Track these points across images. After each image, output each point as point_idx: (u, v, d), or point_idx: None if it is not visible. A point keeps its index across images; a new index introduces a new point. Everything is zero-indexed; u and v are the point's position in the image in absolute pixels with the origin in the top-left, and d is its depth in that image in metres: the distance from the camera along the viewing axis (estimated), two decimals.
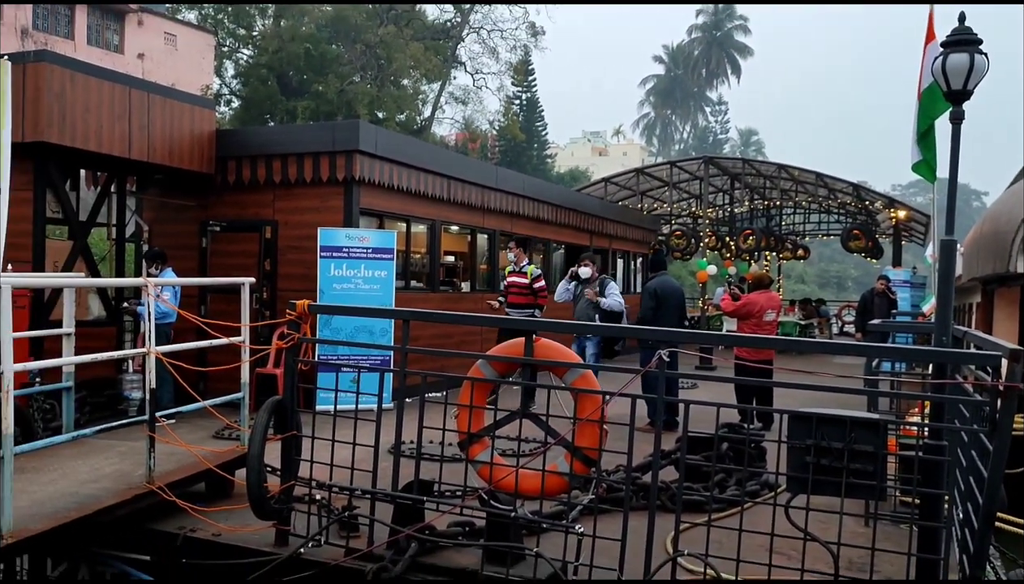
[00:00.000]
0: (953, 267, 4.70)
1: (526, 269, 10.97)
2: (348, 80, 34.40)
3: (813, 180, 25.96)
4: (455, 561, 4.47)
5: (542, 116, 58.50)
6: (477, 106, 43.04)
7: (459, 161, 14.61)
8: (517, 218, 15.42)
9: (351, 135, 10.65)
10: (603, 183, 26.76)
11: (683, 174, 26.36)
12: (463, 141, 47.50)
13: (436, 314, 6.93)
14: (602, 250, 20.12)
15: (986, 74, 4.52)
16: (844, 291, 67.30)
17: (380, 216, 11.52)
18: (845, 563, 4.50)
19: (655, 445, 4.17)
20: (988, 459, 3.78)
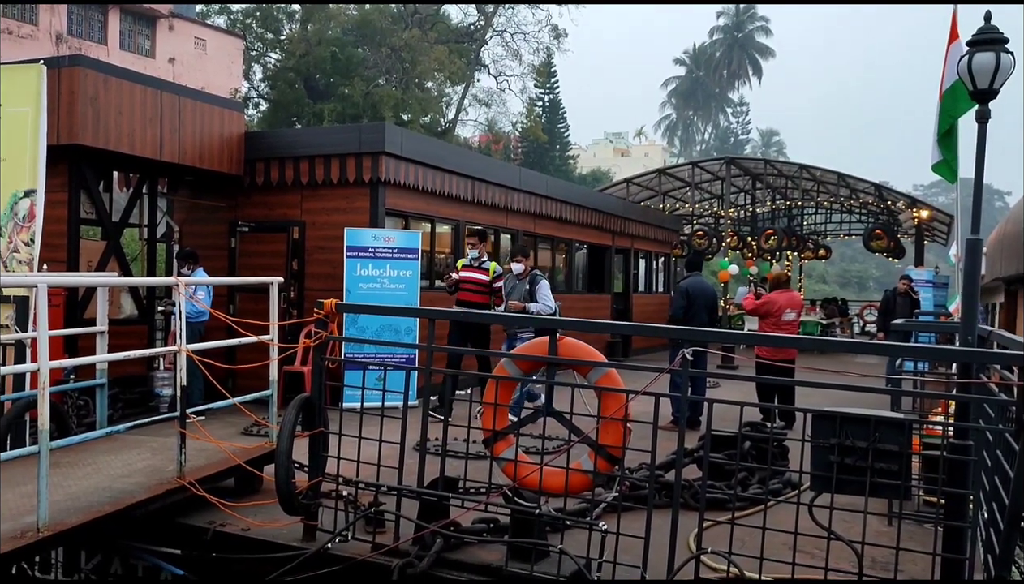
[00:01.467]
0: (979, 266, 4.69)
1: (487, 265, 9.95)
2: (373, 83, 34.69)
3: (835, 180, 25.83)
4: (479, 557, 4.53)
5: (564, 118, 58.51)
6: (500, 108, 43.36)
7: (482, 162, 14.69)
8: (540, 218, 15.48)
9: (377, 137, 10.79)
10: (625, 184, 26.78)
11: (705, 174, 26.32)
12: (486, 143, 47.64)
13: (461, 313, 7.00)
14: (624, 250, 20.12)
15: (1012, 73, 4.51)
16: (865, 291, 66.76)
17: (405, 216, 11.64)
18: (869, 562, 4.51)
19: (679, 443, 4.20)
20: (1014, 459, 3.77)
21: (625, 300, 20.17)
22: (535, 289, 9.07)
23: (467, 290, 9.85)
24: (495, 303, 9.79)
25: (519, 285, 9.25)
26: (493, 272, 9.90)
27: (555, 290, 16.87)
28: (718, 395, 9.54)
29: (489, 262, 9.99)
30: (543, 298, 9.01)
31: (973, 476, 4.37)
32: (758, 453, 6.49)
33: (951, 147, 6.23)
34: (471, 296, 9.80)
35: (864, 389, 4.50)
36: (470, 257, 10.01)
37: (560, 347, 4.51)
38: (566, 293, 17.37)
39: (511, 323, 9.06)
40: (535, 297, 9.04)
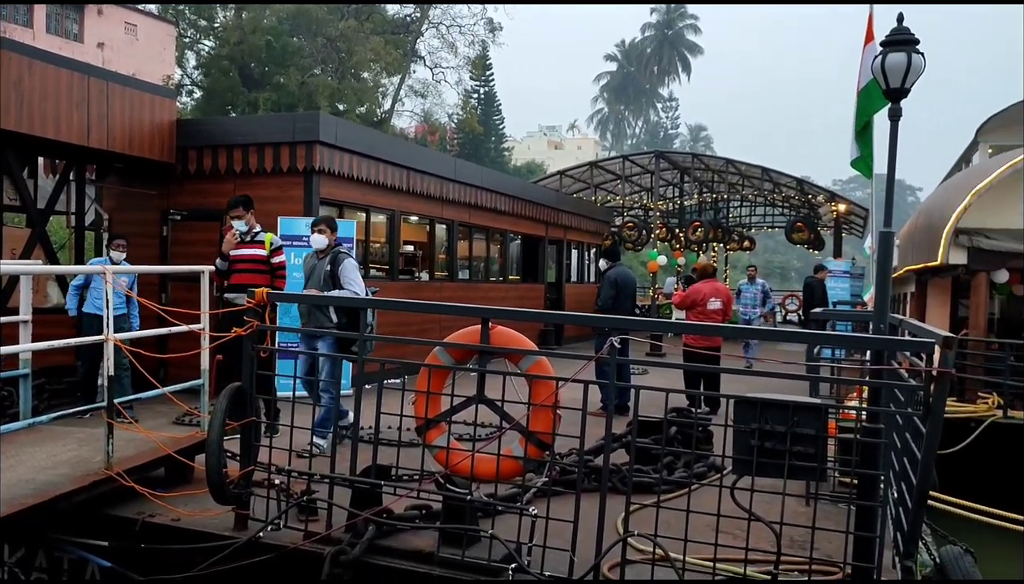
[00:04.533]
0: (891, 258, 4.92)
1: (262, 237, 8.15)
2: (309, 72, 34.28)
3: (759, 174, 26.55)
4: (412, 544, 4.58)
5: (499, 110, 58.72)
6: (436, 99, 43.31)
7: (418, 152, 14.67)
8: (475, 209, 15.55)
9: (311, 126, 10.73)
10: (558, 176, 27.06)
11: (635, 168, 26.78)
12: (422, 133, 47.51)
13: (393, 302, 7.02)
14: (557, 240, 20.33)
15: (923, 73, 4.73)
16: (787, 281, 68.75)
17: (340, 206, 11.59)
18: (787, 542, 4.68)
19: (606, 429, 4.32)
20: (922, 441, 3.98)
21: (558, 290, 20.38)
22: (338, 271, 7.28)
23: (241, 271, 8.02)
24: (276, 285, 7.95)
25: (319, 265, 7.48)
26: (270, 244, 8.15)
27: (490, 280, 17.12)
28: (647, 382, 9.75)
29: (264, 233, 8.23)
30: (348, 282, 7.21)
31: (884, 458, 4.60)
32: (684, 438, 6.68)
33: (867, 144, 6.50)
34: (247, 278, 7.76)
35: (784, 376, 4.69)
36: (238, 231, 8.15)
37: (492, 335, 4.58)
38: (500, 283, 17.50)
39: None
40: (338, 282, 7.24)
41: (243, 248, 8.09)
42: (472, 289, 15.87)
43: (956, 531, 6.84)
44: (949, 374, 3.67)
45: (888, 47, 4.74)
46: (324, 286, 7.23)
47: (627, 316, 9.60)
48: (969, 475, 8.63)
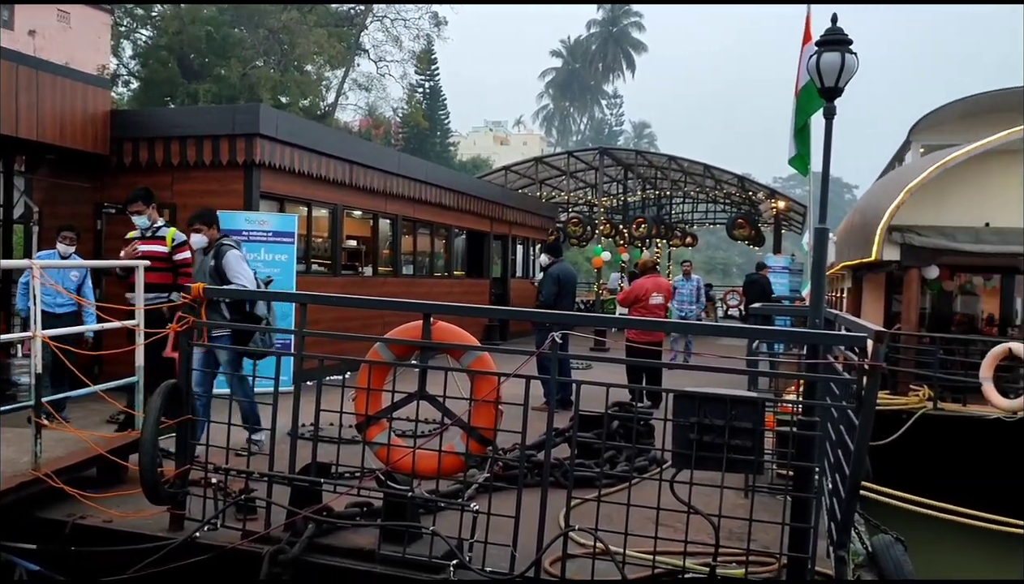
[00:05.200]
0: (825, 254, 5.02)
1: (164, 233, 7.65)
2: (251, 64, 33.66)
3: (701, 171, 26.94)
4: (352, 542, 4.53)
5: (445, 105, 58.56)
6: (381, 93, 42.89)
7: (361, 146, 14.57)
8: (419, 204, 15.48)
9: (251, 118, 10.57)
10: (503, 171, 27.08)
11: (580, 164, 26.95)
12: (367, 127, 47.11)
13: (332, 297, 6.89)
14: (502, 236, 20.35)
15: (856, 72, 4.83)
16: (729, 277, 69.96)
17: (281, 200, 11.44)
18: (726, 533, 4.75)
19: (547, 424, 4.33)
20: (855, 433, 4.07)
21: (503, 285, 20.41)
22: (222, 264, 6.87)
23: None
24: (180, 283, 7.30)
25: (204, 261, 7.09)
26: (172, 240, 7.60)
27: (434, 275, 17.06)
28: (591, 377, 9.80)
29: (166, 228, 7.74)
30: (234, 275, 6.81)
31: (819, 450, 4.69)
32: (627, 432, 6.73)
33: (805, 142, 6.63)
34: (149, 276, 6.98)
35: (723, 370, 4.76)
36: (139, 227, 7.68)
37: (433, 331, 4.56)
38: (445, 278, 17.45)
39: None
40: (224, 276, 6.85)
41: (143, 244, 7.55)
42: (416, 284, 15.80)
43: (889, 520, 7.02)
44: (880, 368, 3.76)
45: (823, 47, 4.84)
46: (209, 282, 6.74)
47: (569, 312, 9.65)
48: (902, 466, 8.88)
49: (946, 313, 15.10)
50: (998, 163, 11.71)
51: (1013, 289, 14.91)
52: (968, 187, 11.80)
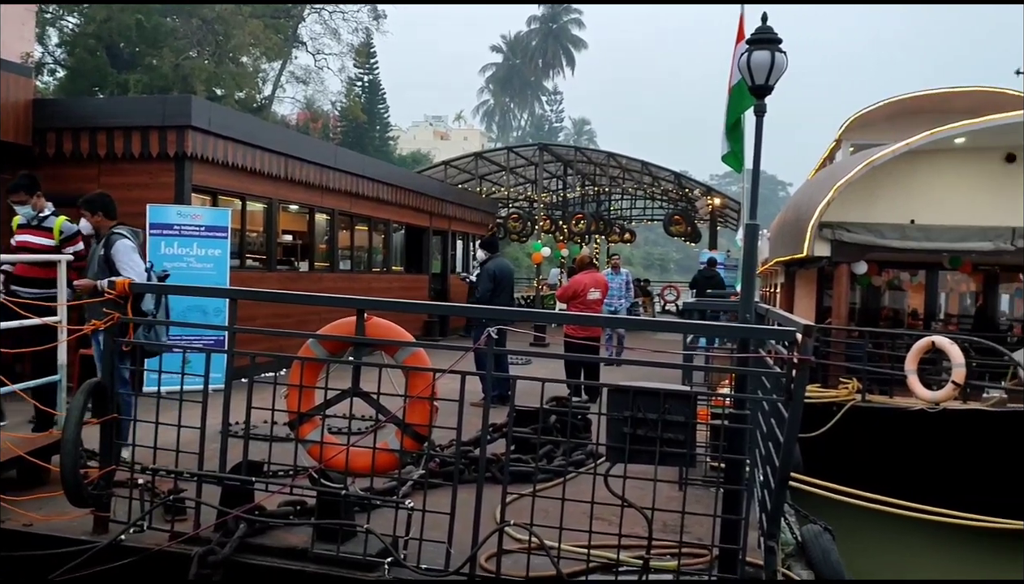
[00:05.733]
0: (755, 249, 5.10)
1: (50, 223, 7.12)
2: (184, 55, 32.81)
3: (639, 168, 27.25)
4: (285, 541, 4.46)
5: (384, 99, 58.05)
6: (319, 86, 42.34)
7: (297, 140, 14.36)
8: (357, 198, 15.34)
9: (183, 110, 10.33)
10: (443, 166, 27.00)
11: (519, 159, 27.01)
12: (305, 121, 46.45)
13: (261, 293, 6.77)
14: (442, 231, 20.28)
15: (785, 71, 4.92)
16: (667, 272, 71.01)
17: (214, 193, 11.22)
18: (660, 526, 4.80)
19: (483, 420, 4.32)
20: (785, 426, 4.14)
21: (443, 281, 20.35)
22: (111, 255, 6.38)
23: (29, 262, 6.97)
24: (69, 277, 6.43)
25: (95, 250, 6.62)
26: (60, 231, 7.08)
27: (372, 270, 16.90)
28: (530, 372, 9.83)
29: (54, 217, 7.18)
30: (123, 267, 6.26)
31: (751, 442, 4.77)
32: (563, 427, 6.76)
33: (738, 139, 6.73)
34: (31, 270, 6.78)
35: (658, 364, 4.80)
36: (24, 215, 7.14)
37: (368, 327, 4.50)
38: (383, 274, 17.32)
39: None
40: (114, 267, 6.32)
41: (27, 234, 7.03)
42: (354, 280, 15.65)
43: (819, 510, 7.20)
44: (808, 361, 3.82)
45: (753, 45, 4.91)
46: (99, 272, 6.34)
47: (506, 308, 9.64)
48: (833, 457, 9.10)
49: (875, 308, 15.53)
50: (923, 162, 12.08)
51: (937, 284, 15.38)
52: (895, 185, 12.15)
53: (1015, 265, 14.11)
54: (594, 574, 4.27)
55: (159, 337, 6.17)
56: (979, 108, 12.74)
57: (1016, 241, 11.72)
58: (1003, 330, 14.78)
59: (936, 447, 9.90)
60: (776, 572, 4.15)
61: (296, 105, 44.99)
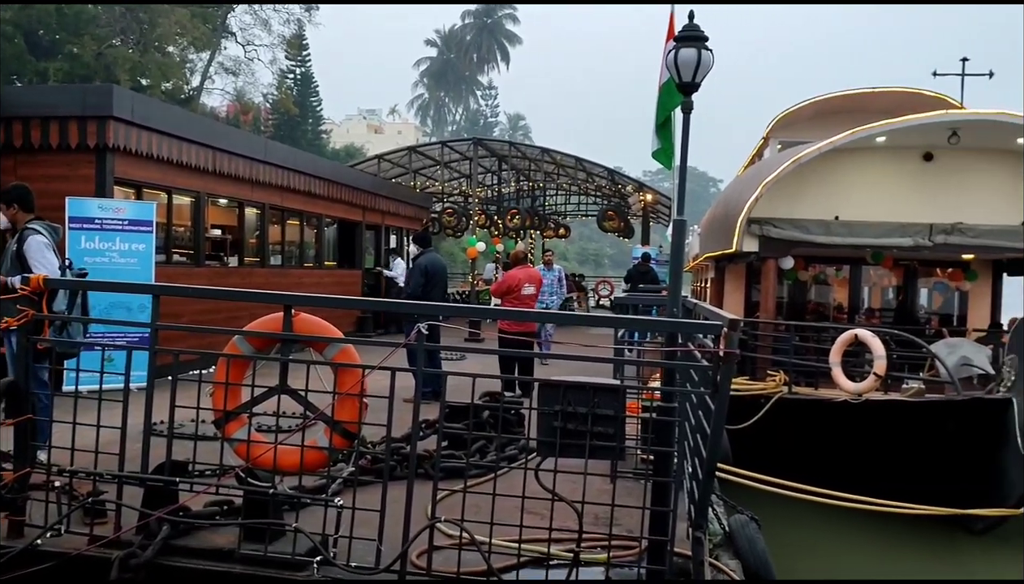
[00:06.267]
0: (683, 244, 5.17)
1: None
2: (107, 43, 31.82)
3: (573, 164, 27.43)
4: (211, 542, 4.36)
5: (317, 92, 57.23)
6: (249, 78, 41.56)
7: (225, 132, 14.08)
8: (288, 192, 15.10)
9: (104, 100, 10.01)
10: (377, 160, 26.76)
11: (454, 154, 26.93)
12: (235, 113, 45.55)
13: (185, 288, 6.60)
14: (375, 226, 20.11)
15: (712, 68, 5.00)
16: (601, 267, 71.67)
17: (138, 186, 10.91)
18: (593, 519, 4.84)
19: (413, 416, 4.29)
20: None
21: (376, 276, 20.17)
22: (23, 250, 6.22)
23: None
24: None
25: (9, 245, 6.42)
26: None
27: (304, 265, 16.65)
28: (465, 367, 9.81)
29: None
30: (36, 264, 6.11)
31: (680, 435, 4.84)
32: (496, 422, 6.76)
33: (668, 136, 6.82)
34: None
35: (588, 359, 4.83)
36: None
37: (296, 323, 4.43)
38: (315, 269, 17.09)
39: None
40: (26, 264, 6.15)
41: None
42: (285, 275, 15.41)
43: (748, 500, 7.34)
44: (734, 354, 3.89)
45: (680, 43, 4.98)
46: (12, 269, 6.20)
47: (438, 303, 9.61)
48: (761, 448, 9.30)
49: (801, 302, 15.93)
50: (846, 160, 12.42)
51: (860, 279, 15.86)
52: (820, 182, 12.47)
53: (933, 260, 14.67)
54: (525, 568, 4.28)
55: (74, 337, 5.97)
56: (899, 108, 13.16)
57: (934, 237, 12.14)
58: (922, 323, 15.32)
59: (859, 437, 10.20)
60: (703, 562, 4.22)
61: (226, 97, 44.16)
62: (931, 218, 12.20)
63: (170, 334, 7.78)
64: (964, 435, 9.16)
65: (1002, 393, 8.90)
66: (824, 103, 15.52)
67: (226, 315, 12.00)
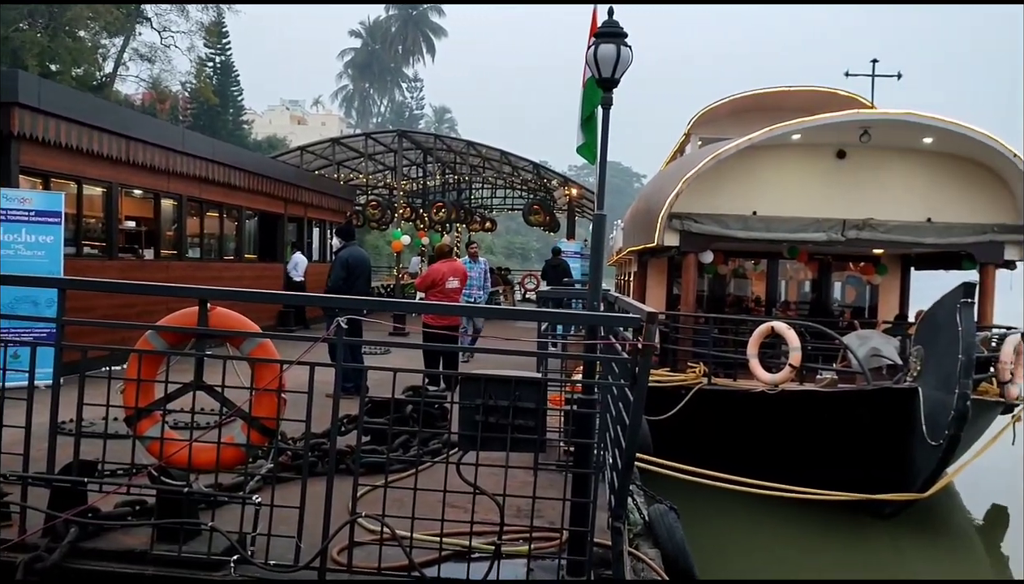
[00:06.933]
0: (603, 238, 5.23)
1: None
2: (13, 27, 30.47)
3: (499, 158, 27.45)
4: (123, 543, 4.25)
5: (238, 81, 55.92)
6: (166, 65, 40.29)
7: (139, 120, 13.63)
8: (207, 183, 14.74)
9: (9, 85, 9.60)
10: (299, 152, 26.31)
11: (378, 146, 26.68)
12: (151, 101, 44.17)
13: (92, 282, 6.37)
14: (297, 218, 19.79)
15: (631, 64, 5.05)
16: (528, 261, 72.02)
17: (45, 176, 10.49)
18: (515, 511, 4.87)
19: (333, 412, 4.24)
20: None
21: None
22: None
23: None
24: None
25: None
26: None
27: (224, 258, 16.26)
28: (389, 361, 9.73)
29: None
30: None
31: (601, 427, 4.89)
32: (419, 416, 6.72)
33: (592, 131, 6.86)
34: None
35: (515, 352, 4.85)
36: None
37: (212, 317, 4.33)
38: (236, 262, 16.72)
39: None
40: None
41: None
42: (203, 268, 15.03)
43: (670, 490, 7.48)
44: (651, 347, 3.95)
45: (600, 39, 5.02)
46: None
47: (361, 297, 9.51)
48: (682, 438, 9.48)
49: (721, 295, 16.27)
50: (764, 157, 12.72)
51: (777, 273, 16.28)
52: (739, 178, 12.74)
53: (846, 255, 15.15)
54: (447, 562, 4.28)
55: None
56: (814, 107, 13.54)
57: (846, 232, 12.53)
58: (836, 315, 15.81)
59: (776, 426, 10.48)
60: (622, 552, 4.28)
61: (141, 85, 42.80)
62: (844, 214, 12.59)
63: (82, 330, 7.53)
64: (874, 423, 9.48)
65: (909, 383, 9.24)
66: (743, 101, 15.85)
67: (141, 310, 11.65)
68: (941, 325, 8.86)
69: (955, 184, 12.66)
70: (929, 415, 8.86)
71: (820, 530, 9.85)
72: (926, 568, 9.74)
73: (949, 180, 12.68)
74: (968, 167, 12.59)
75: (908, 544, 9.95)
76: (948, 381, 8.55)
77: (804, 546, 9.99)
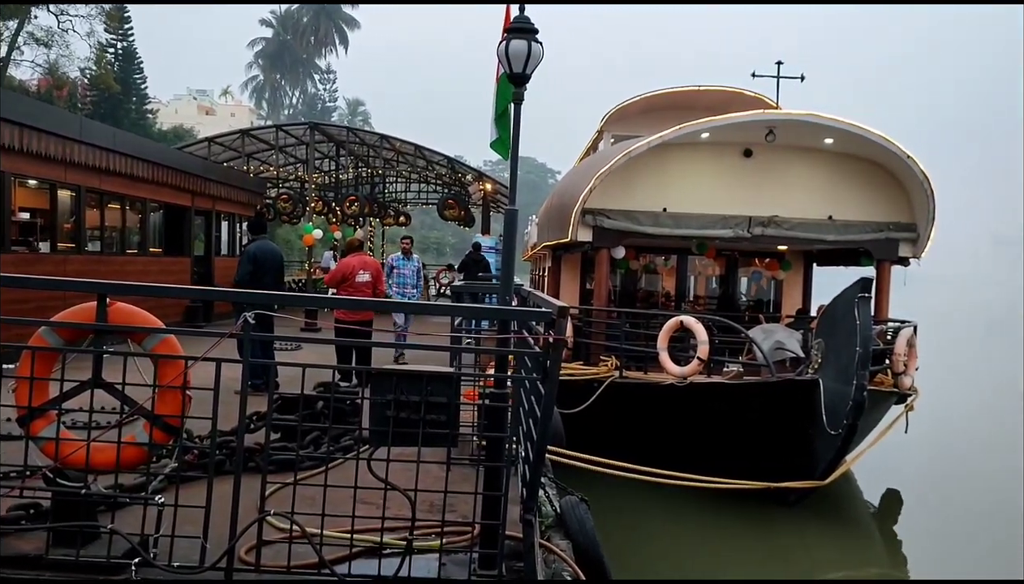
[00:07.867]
0: (515, 233, 5.25)
1: None
2: None
3: (413, 151, 27.30)
4: (16, 548, 4.08)
5: (141, 69, 53.82)
6: (64, 51, 38.57)
7: (32, 107, 13.06)
8: (107, 174, 14.22)
9: None
10: (207, 143, 25.59)
11: (290, 138, 26.18)
12: (47, 88, 42.22)
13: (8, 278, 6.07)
14: (205, 211, 19.28)
15: (541, 60, 5.09)
16: (443, 256, 71.75)
17: None
18: (428, 506, 4.87)
19: (240, 409, 4.14)
20: None
21: (207, 263, 19.35)
22: None
23: None
24: None
25: None
26: None
27: (127, 252, 15.70)
28: (300, 357, 9.56)
29: None
30: None
31: (514, 421, 4.91)
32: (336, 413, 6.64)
33: (505, 126, 6.88)
34: None
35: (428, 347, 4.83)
36: None
37: (112, 313, 4.17)
38: (139, 256, 16.18)
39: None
40: None
41: None
42: (105, 263, 14.50)
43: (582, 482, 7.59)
44: (561, 341, 3.99)
45: (511, 35, 5.05)
46: None
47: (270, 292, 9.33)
48: (595, 431, 9.62)
49: (632, 290, 16.55)
50: (674, 154, 12.98)
51: (687, 268, 16.65)
52: (650, 175, 12.96)
53: (752, 251, 15.60)
54: (358, 559, 4.24)
55: None
56: (722, 106, 13.88)
57: (752, 229, 12.89)
58: (742, 310, 16.26)
59: (686, 418, 10.72)
60: (533, 544, 4.31)
61: (37, 70, 40.87)
62: (750, 211, 12.94)
63: None
64: (778, 414, 9.79)
65: (810, 375, 9.57)
66: (654, 99, 16.13)
67: (36, 305, 11.13)
68: (840, 319, 9.20)
69: (855, 183, 13.16)
70: (829, 405, 9.20)
71: (729, 519, 10.15)
72: (828, 552, 10.14)
73: (849, 179, 13.18)
74: (866, 167, 13.11)
75: (812, 529, 10.33)
76: (846, 372, 8.90)
77: (713, 535, 10.27)
